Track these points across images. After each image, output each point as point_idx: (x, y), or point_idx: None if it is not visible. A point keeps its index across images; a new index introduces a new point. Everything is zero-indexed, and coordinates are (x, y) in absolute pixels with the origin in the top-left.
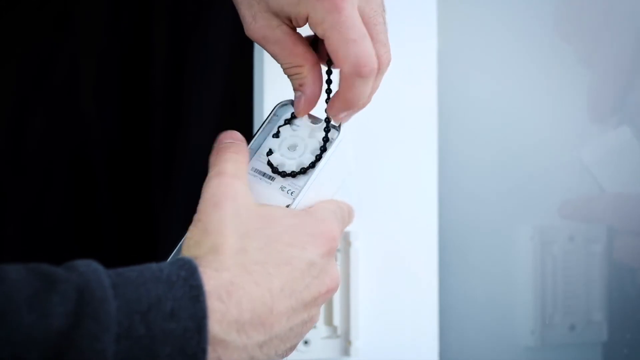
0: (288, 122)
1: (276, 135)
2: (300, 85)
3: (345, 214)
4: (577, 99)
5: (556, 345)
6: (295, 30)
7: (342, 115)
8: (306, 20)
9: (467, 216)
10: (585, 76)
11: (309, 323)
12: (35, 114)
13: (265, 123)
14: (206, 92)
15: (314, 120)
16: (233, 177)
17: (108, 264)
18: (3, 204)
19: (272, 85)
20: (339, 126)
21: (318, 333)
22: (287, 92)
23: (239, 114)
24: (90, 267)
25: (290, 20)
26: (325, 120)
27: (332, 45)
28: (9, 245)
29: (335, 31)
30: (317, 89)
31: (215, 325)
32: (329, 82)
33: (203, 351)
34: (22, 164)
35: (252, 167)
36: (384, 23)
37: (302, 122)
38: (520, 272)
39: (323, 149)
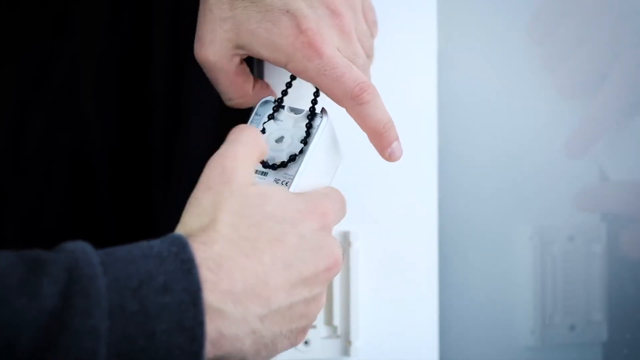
0: (271, 117)
1: (262, 132)
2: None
3: (341, 198)
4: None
5: (556, 345)
6: (245, 63)
7: (392, 147)
8: (284, 65)
9: (467, 216)
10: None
11: (313, 303)
12: (35, 114)
13: (249, 123)
14: (206, 92)
15: (296, 111)
16: (233, 160)
17: None
18: (3, 204)
19: (271, 84)
20: (322, 111)
21: (318, 333)
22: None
23: (239, 114)
24: (78, 247)
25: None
26: (310, 109)
27: (325, 89)
28: (9, 245)
29: (323, 76)
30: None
31: (209, 295)
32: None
33: (201, 324)
34: (22, 164)
35: None
36: (365, 62)
37: (285, 115)
38: (520, 272)
39: (309, 134)
